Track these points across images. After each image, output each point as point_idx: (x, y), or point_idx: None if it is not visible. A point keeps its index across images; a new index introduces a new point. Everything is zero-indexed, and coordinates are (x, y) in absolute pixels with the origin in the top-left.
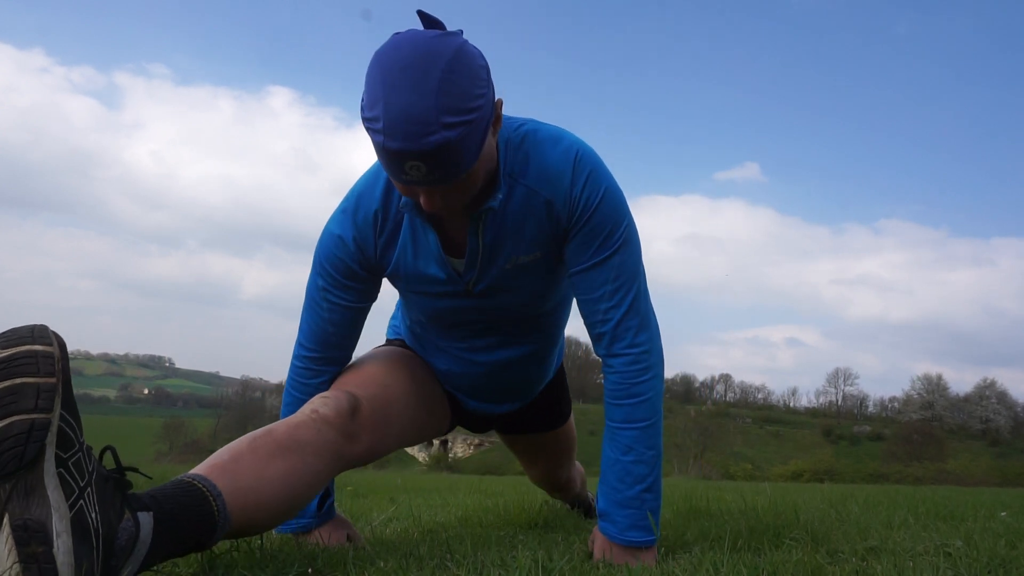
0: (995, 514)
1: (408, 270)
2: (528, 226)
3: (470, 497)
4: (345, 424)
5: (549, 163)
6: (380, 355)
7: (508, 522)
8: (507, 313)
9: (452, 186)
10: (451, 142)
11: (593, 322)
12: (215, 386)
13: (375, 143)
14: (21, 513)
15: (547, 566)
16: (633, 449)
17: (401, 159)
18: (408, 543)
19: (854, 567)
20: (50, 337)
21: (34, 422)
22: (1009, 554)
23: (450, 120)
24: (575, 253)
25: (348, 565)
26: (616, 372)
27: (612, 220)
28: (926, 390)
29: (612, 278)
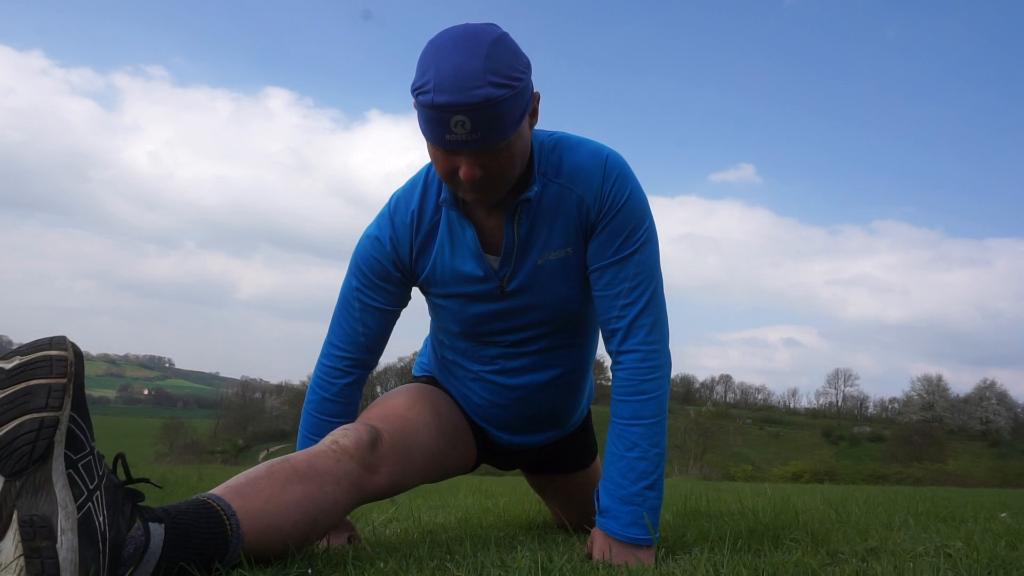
0: (995, 515)
1: (445, 269)
2: (559, 221)
3: (470, 498)
4: (365, 456)
5: (581, 163)
6: (404, 391)
7: (508, 523)
8: (539, 318)
9: (492, 154)
10: (495, 100)
11: (608, 318)
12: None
13: (423, 107)
14: (29, 509)
15: (547, 566)
16: (638, 446)
17: (448, 113)
18: (408, 544)
19: (854, 568)
20: (66, 344)
21: (43, 420)
22: (1009, 555)
23: (496, 79)
24: (598, 248)
25: (348, 565)
26: (626, 369)
27: (635, 218)
28: (926, 391)
29: (631, 275)
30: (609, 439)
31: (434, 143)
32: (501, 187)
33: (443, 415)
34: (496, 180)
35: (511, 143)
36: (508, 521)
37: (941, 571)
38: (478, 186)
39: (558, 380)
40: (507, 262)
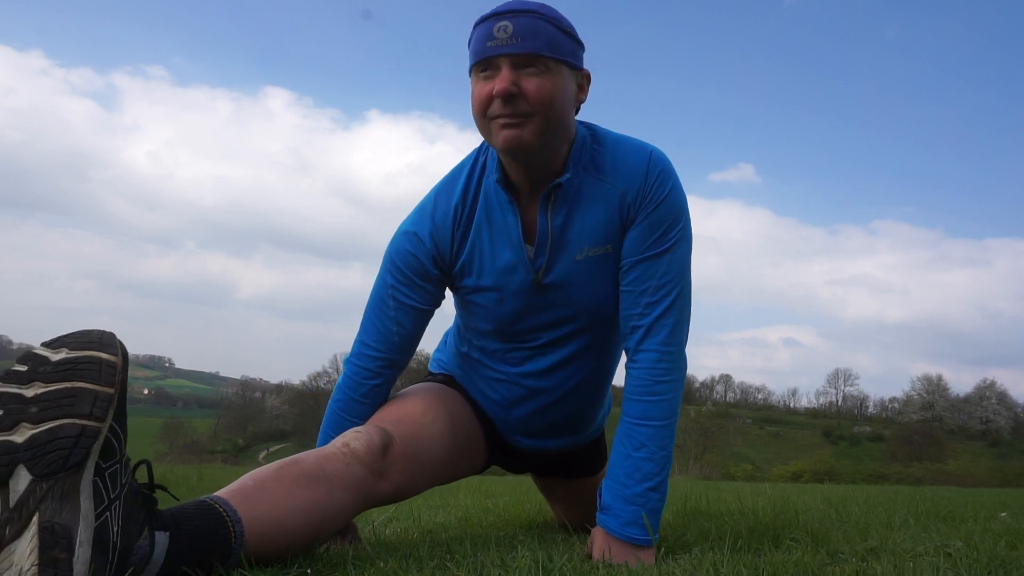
0: (995, 515)
1: (482, 258)
2: (600, 216)
3: (470, 498)
4: (375, 461)
5: (625, 158)
6: (419, 392)
7: (508, 522)
8: (573, 318)
9: (529, 72)
10: (541, 14)
11: (631, 315)
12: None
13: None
14: (52, 516)
15: (547, 566)
16: (645, 446)
17: (493, 20)
18: (408, 543)
19: (854, 568)
20: (116, 347)
21: (84, 429)
22: (1009, 555)
23: (547, 12)
24: (633, 242)
25: (348, 565)
26: (641, 368)
27: (673, 215)
28: (926, 391)
29: (660, 274)
30: (617, 437)
31: (476, 56)
32: (537, 124)
33: (457, 420)
34: (531, 107)
35: (551, 71)
36: (508, 521)
37: (941, 571)
38: (514, 107)
39: (584, 386)
40: (542, 251)
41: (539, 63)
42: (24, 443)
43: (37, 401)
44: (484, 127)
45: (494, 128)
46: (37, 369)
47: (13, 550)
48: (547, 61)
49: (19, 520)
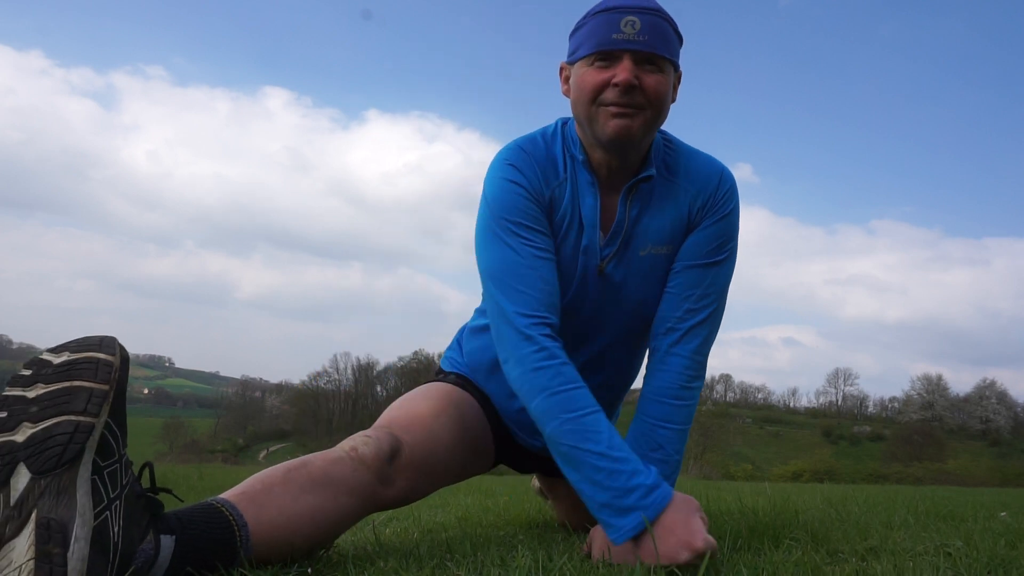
0: (995, 514)
1: (566, 235)
2: (668, 216)
3: (470, 497)
4: (382, 467)
5: (700, 166)
6: (431, 394)
7: (508, 522)
8: (618, 314)
9: (650, 69)
10: (665, 14)
11: (669, 316)
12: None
13: (596, 13)
14: (48, 512)
15: (547, 566)
16: (663, 448)
17: (621, 13)
18: (408, 543)
19: (854, 567)
20: (114, 348)
21: (79, 424)
22: (1009, 554)
23: (666, 13)
24: (690, 248)
25: (348, 565)
26: (670, 371)
27: (730, 232)
28: (926, 390)
29: (706, 284)
30: (631, 436)
31: (598, 46)
32: (647, 117)
33: (468, 423)
34: (648, 100)
35: (665, 74)
36: (508, 520)
37: (941, 570)
38: (630, 98)
39: (607, 387)
40: (613, 241)
41: (657, 61)
42: (24, 442)
43: (38, 401)
44: (590, 113)
45: (602, 115)
46: (40, 372)
47: (12, 547)
48: (663, 60)
49: (19, 518)
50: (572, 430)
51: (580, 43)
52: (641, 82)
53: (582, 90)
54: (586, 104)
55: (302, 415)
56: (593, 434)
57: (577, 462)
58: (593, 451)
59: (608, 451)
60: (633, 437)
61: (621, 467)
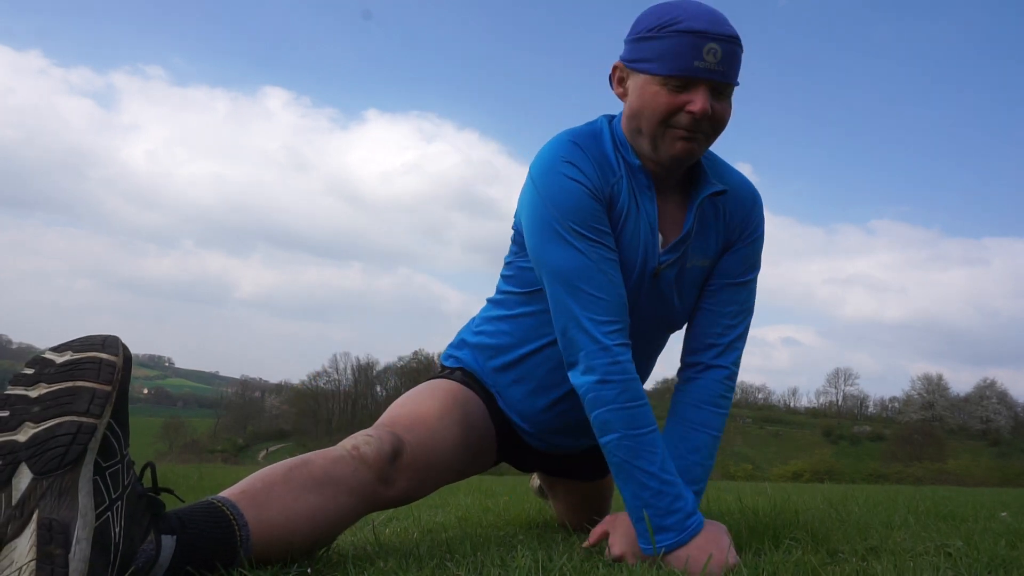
0: (995, 514)
1: (622, 233)
2: (713, 230)
3: (470, 497)
4: (383, 468)
5: (741, 186)
6: (436, 393)
7: (508, 522)
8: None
9: (722, 97)
10: (739, 43)
11: (708, 332)
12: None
13: (677, 33)
14: (50, 512)
15: (547, 566)
16: (700, 451)
17: (704, 39)
18: (408, 543)
19: (854, 567)
20: (117, 348)
21: (81, 425)
22: (1009, 554)
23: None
24: (728, 266)
25: (348, 565)
26: (711, 380)
27: (759, 250)
28: (926, 390)
29: (742, 300)
30: (668, 438)
31: (679, 71)
32: (710, 140)
33: (472, 422)
34: (714, 127)
35: (730, 100)
36: (508, 520)
37: (941, 570)
38: (700, 126)
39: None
40: (676, 249)
41: (728, 90)
42: (26, 442)
43: (40, 401)
44: (656, 132)
45: (670, 137)
46: (43, 371)
47: (14, 547)
48: (732, 88)
49: (20, 518)
50: (630, 446)
51: (654, 57)
52: (713, 110)
53: (652, 109)
54: (654, 123)
55: (302, 415)
56: (648, 454)
57: (628, 475)
58: (646, 470)
59: (659, 472)
60: (671, 439)
61: (668, 489)
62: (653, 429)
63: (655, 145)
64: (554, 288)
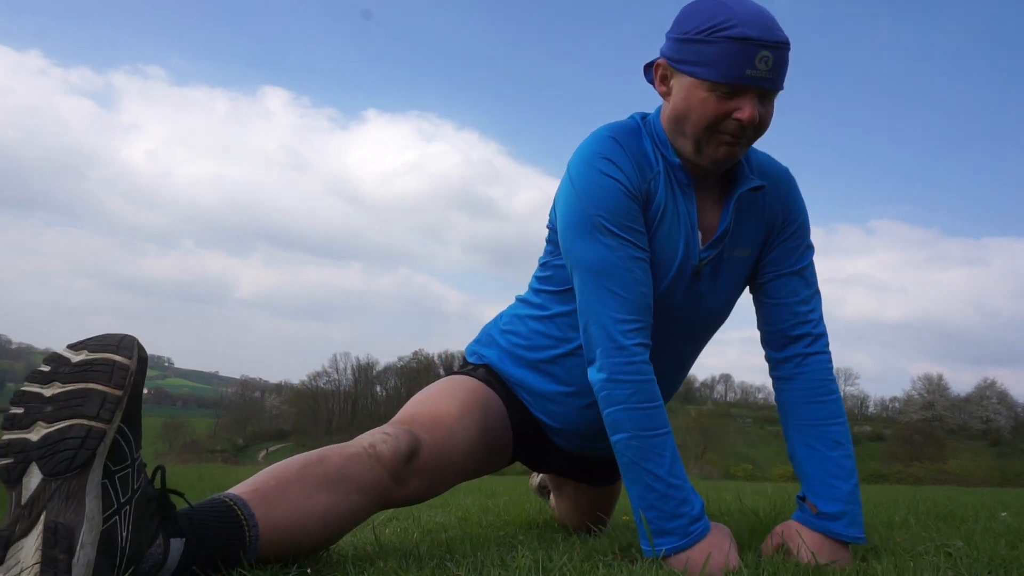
0: (996, 514)
1: (658, 230)
2: (752, 219)
3: (470, 497)
4: (398, 468)
5: (775, 171)
6: (457, 391)
7: (508, 522)
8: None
9: (768, 102)
10: (789, 48)
11: (792, 324)
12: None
13: (728, 40)
14: (56, 515)
15: (547, 566)
16: (841, 444)
17: (756, 47)
18: (408, 543)
19: (854, 567)
20: (132, 350)
21: (90, 430)
22: (1010, 554)
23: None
24: (782, 256)
25: (348, 565)
26: (816, 370)
27: (807, 232)
28: (927, 390)
29: (809, 283)
30: (805, 441)
31: (730, 79)
32: (751, 142)
33: (491, 424)
34: (756, 131)
35: (773, 102)
36: (508, 521)
37: (941, 570)
38: (746, 132)
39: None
40: (715, 246)
41: (774, 95)
42: (38, 441)
43: (53, 401)
44: (702, 137)
45: (715, 142)
46: (58, 370)
47: (21, 547)
48: (777, 92)
49: (29, 518)
50: (638, 447)
51: (703, 61)
52: (760, 117)
53: (700, 115)
54: (700, 128)
55: (302, 415)
56: (657, 456)
57: (635, 476)
58: (653, 472)
59: (666, 476)
60: (803, 443)
61: (673, 493)
62: (664, 432)
63: (698, 148)
64: (580, 283)
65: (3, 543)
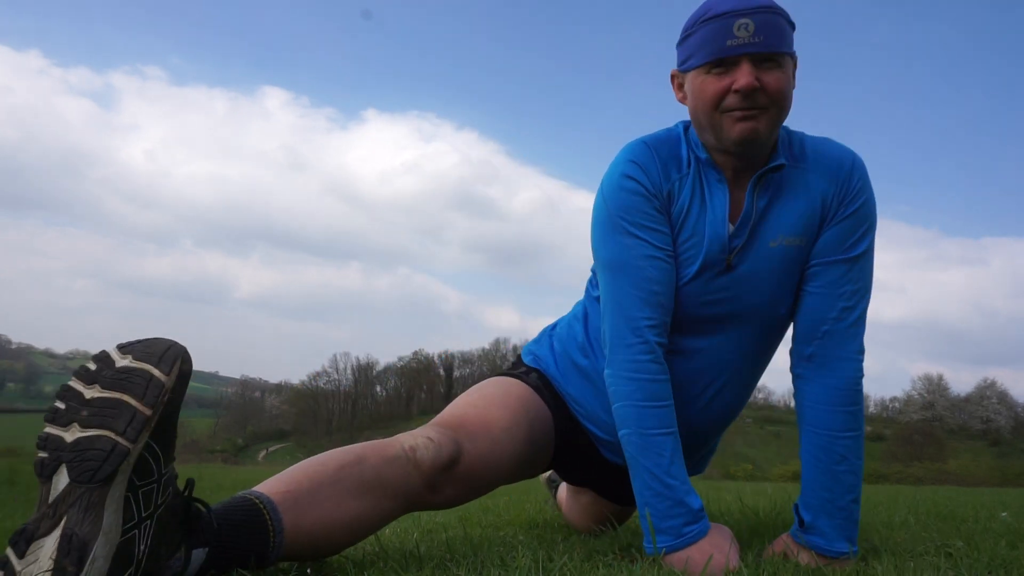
0: (996, 514)
1: (683, 227)
2: (800, 206)
3: None
4: (435, 476)
5: (830, 154)
6: (510, 402)
7: (508, 522)
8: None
9: (770, 67)
10: (775, 8)
11: (823, 318)
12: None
13: (704, 22)
14: (73, 525)
15: (547, 566)
16: (847, 459)
17: (732, 18)
18: (408, 543)
19: (854, 567)
20: (172, 366)
21: (116, 445)
22: (1010, 554)
23: (778, 7)
24: (830, 242)
25: (348, 565)
26: (841, 377)
27: (869, 220)
28: (927, 390)
29: (855, 279)
30: (811, 450)
31: (712, 55)
32: (772, 114)
33: (535, 438)
34: (771, 99)
35: (784, 69)
36: (508, 520)
37: (941, 570)
38: (752, 100)
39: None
40: (741, 233)
41: (775, 57)
42: (71, 444)
43: (90, 404)
44: (713, 121)
45: (727, 122)
46: (101, 371)
47: (42, 545)
48: (781, 55)
49: (52, 518)
50: (638, 444)
51: (692, 52)
52: (762, 82)
53: (702, 99)
54: (708, 112)
55: (302, 415)
56: (656, 455)
57: (635, 472)
58: (650, 471)
59: (662, 476)
60: (812, 451)
61: (668, 493)
62: (665, 431)
63: (717, 134)
64: (604, 278)
65: (27, 537)
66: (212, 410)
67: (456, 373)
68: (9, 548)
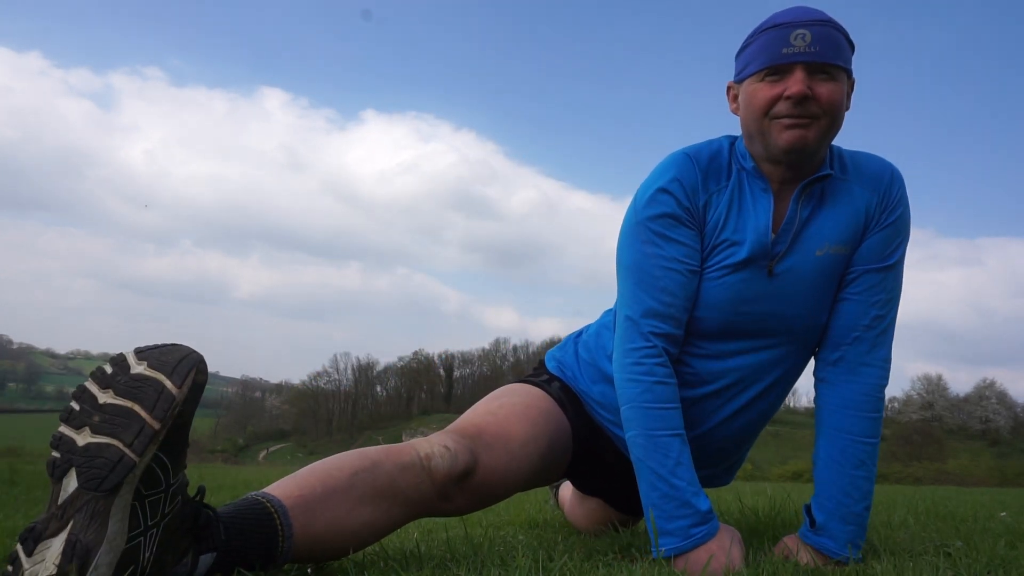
0: (995, 514)
1: (724, 231)
2: (844, 216)
3: None
4: (448, 486)
5: (872, 167)
6: (531, 415)
7: (508, 522)
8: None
9: (823, 78)
10: (834, 23)
11: (855, 325)
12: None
13: (762, 32)
14: (78, 531)
15: (547, 566)
16: (864, 464)
17: (789, 28)
18: (408, 543)
19: (854, 567)
20: (184, 378)
21: (123, 457)
22: (1009, 554)
23: (836, 23)
24: (869, 250)
25: (348, 565)
26: (865, 382)
27: (905, 231)
28: (926, 390)
29: (888, 288)
30: (828, 451)
31: (769, 61)
32: (823, 125)
33: (552, 453)
34: (823, 110)
35: (839, 82)
36: (508, 520)
37: (941, 570)
38: (803, 109)
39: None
40: (783, 239)
41: (830, 70)
42: (82, 448)
43: (103, 410)
44: (763, 128)
45: (776, 128)
46: (116, 376)
47: (49, 546)
48: (836, 69)
49: (60, 519)
50: (644, 445)
51: (749, 61)
52: (814, 92)
53: (753, 105)
54: (758, 119)
55: (302, 415)
56: (661, 456)
57: (641, 474)
58: (656, 472)
59: (668, 477)
60: (828, 454)
61: (674, 494)
62: (671, 433)
63: (766, 142)
64: (618, 284)
65: (35, 536)
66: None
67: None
68: (19, 545)
